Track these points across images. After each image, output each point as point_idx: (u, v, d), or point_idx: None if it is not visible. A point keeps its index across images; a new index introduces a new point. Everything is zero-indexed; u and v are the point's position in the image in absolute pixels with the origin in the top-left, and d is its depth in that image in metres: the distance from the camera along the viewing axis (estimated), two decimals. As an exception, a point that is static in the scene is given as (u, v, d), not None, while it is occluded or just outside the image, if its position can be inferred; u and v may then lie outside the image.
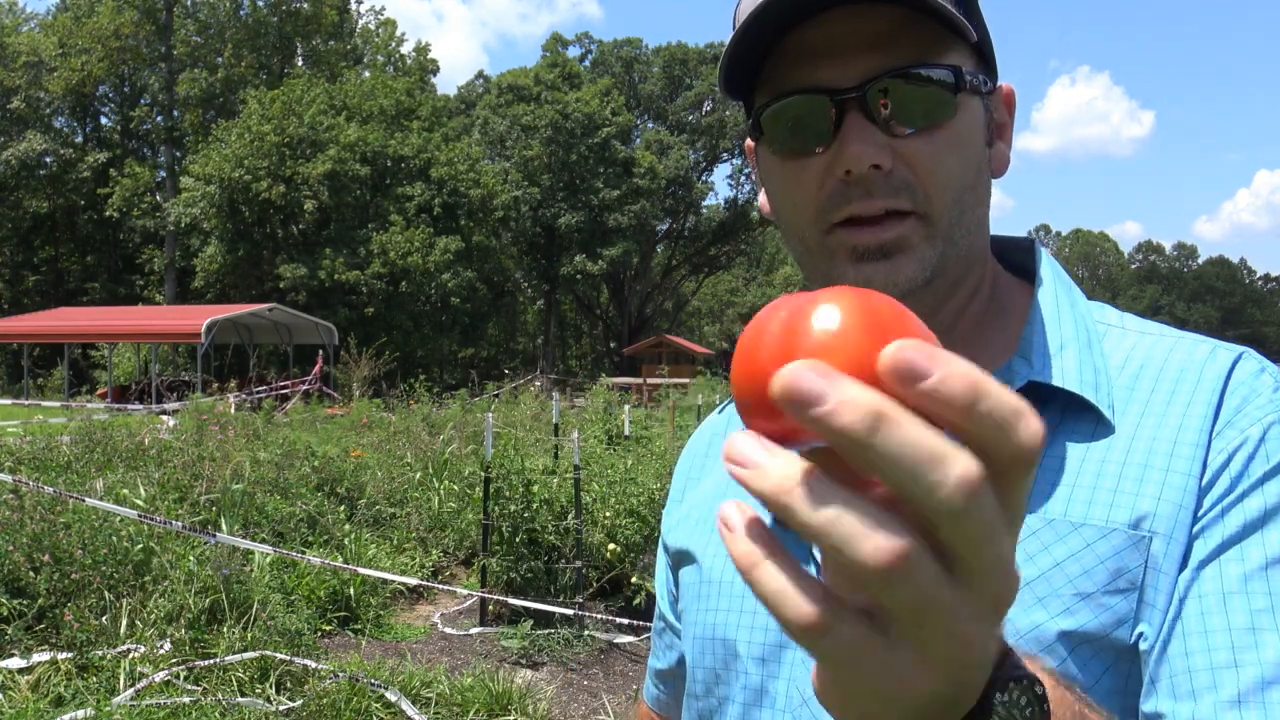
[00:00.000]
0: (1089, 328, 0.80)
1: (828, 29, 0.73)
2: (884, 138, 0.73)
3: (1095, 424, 0.74)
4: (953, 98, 0.74)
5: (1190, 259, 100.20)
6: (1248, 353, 0.76)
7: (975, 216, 0.79)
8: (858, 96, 0.73)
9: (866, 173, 0.73)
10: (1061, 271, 0.86)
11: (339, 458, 9.18)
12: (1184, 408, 0.72)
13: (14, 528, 5.39)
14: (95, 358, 35.88)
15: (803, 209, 0.78)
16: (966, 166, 0.76)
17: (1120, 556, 0.68)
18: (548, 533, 6.56)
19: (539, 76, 47.83)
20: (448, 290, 34.69)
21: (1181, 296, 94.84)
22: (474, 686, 4.92)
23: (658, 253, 55.88)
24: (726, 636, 0.83)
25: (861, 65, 0.73)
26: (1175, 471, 0.70)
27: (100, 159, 42.17)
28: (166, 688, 4.64)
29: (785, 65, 0.76)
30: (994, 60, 0.81)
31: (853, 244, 0.75)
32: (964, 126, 0.76)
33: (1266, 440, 0.69)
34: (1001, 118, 0.83)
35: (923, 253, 0.75)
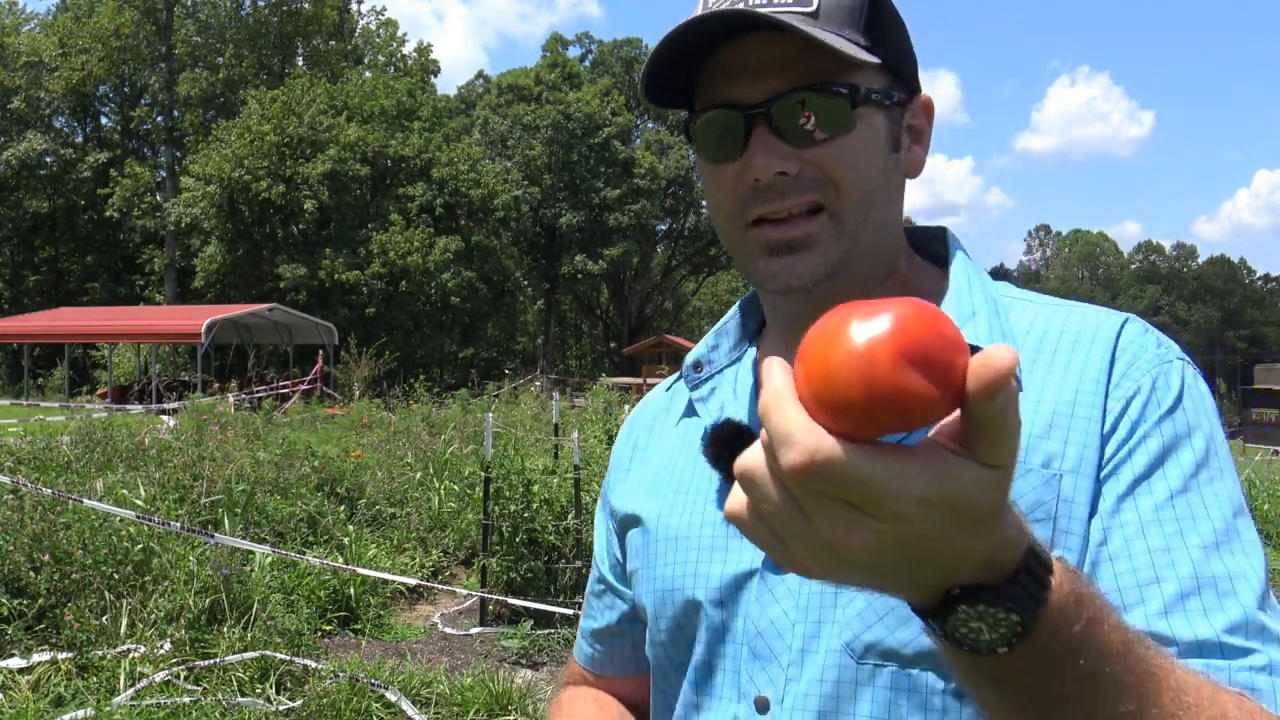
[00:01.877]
0: (995, 299, 0.91)
1: (745, 51, 0.84)
2: (788, 148, 0.84)
3: None
4: (850, 112, 0.84)
5: (1190, 259, 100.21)
6: (1133, 317, 0.88)
7: (884, 215, 0.89)
8: (764, 112, 0.84)
9: (773, 179, 0.84)
10: (969, 256, 0.96)
11: (339, 458, 9.18)
12: (1081, 366, 0.84)
13: (14, 528, 5.39)
14: (95, 358, 35.89)
15: (723, 209, 0.89)
16: (871, 170, 0.86)
17: (1037, 492, 0.79)
18: (548, 533, 6.56)
19: (539, 76, 47.84)
20: (448, 290, 34.69)
21: (1181, 296, 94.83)
22: (474, 686, 4.92)
23: (658, 253, 55.90)
24: (685, 586, 0.93)
25: (770, 84, 0.84)
26: (1078, 418, 0.81)
27: (100, 159, 42.17)
28: (166, 688, 4.64)
29: (710, 80, 0.87)
30: (911, 76, 0.91)
31: (765, 239, 0.87)
32: (864, 136, 0.86)
33: (1156, 389, 0.82)
34: (919, 125, 0.93)
35: (827, 249, 0.86)
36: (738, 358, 1.03)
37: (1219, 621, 0.71)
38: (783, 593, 0.86)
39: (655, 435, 1.07)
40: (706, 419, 0.97)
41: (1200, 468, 0.79)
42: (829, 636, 0.83)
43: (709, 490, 0.94)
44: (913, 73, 0.92)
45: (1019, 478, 0.74)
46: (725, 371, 1.02)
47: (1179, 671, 0.61)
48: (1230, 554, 0.74)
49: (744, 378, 1.00)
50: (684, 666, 0.94)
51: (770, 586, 0.87)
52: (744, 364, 1.02)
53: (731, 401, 0.99)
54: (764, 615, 0.87)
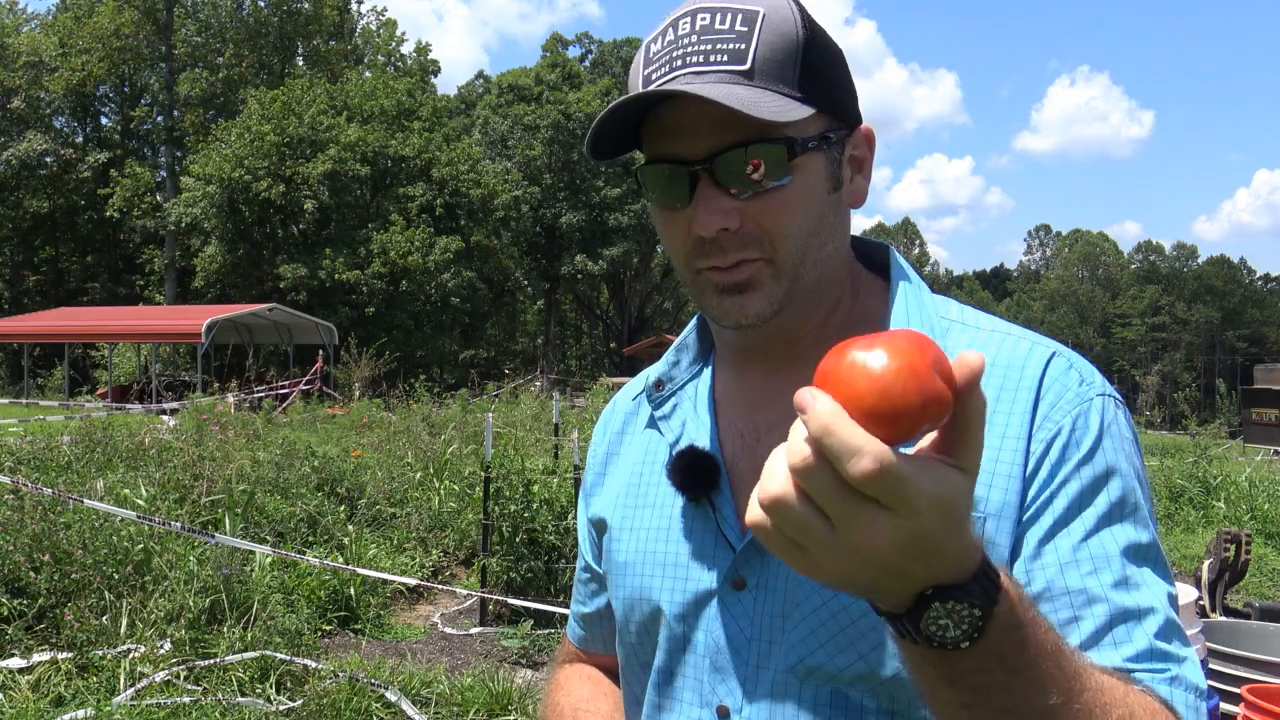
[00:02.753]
0: (934, 328, 0.96)
1: (683, 111, 0.88)
2: (730, 202, 0.88)
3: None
4: (787, 164, 0.88)
5: (1190, 259, 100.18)
6: (1059, 351, 0.93)
7: (824, 253, 0.94)
8: (707, 168, 0.88)
9: (716, 235, 0.89)
10: (911, 274, 1.02)
11: (339, 458, 9.18)
12: (1009, 406, 0.89)
13: (14, 528, 5.39)
14: (95, 358, 35.89)
15: (675, 253, 0.95)
16: (809, 216, 0.91)
17: None
18: (548, 533, 6.56)
19: (540, 76, 47.84)
20: (448, 290, 34.68)
21: (1181, 296, 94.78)
22: (474, 686, 4.92)
23: (658, 253, 55.86)
24: (652, 598, 1.00)
25: (709, 141, 0.88)
26: (1002, 462, 0.87)
27: (100, 159, 42.15)
28: (166, 688, 4.64)
29: (655, 134, 0.92)
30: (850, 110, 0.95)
31: (713, 281, 0.92)
32: (802, 185, 0.90)
33: (1075, 430, 0.87)
34: (860, 154, 0.97)
35: (770, 289, 0.91)
36: (697, 373, 1.08)
37: (1127, 651, 0.80)
38: (740, 612, 0.93)
39: (626, 441, 1.13)
40: (669, 436, 1.04)
41: (1114, 508, 0.85)
42: (778, 656, 0.90)
43: (673, 508, 1.00)
44: (852, 106, 0.96)
45: None
46: (686, 387, 1.07)
47: (1097, 673, 0.72)
48: (1138, 590, 0.82)
49: (703, 393, 1.05)
50: (648, 668, 1.02)
51: (728, 606, 0.94)
52: (703, 379, 1.07)
53: (692, 419, 1.04)
54: (723, 633, 0.94)
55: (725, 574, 0.94)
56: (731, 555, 0.94)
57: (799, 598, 0.90)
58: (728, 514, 0.96)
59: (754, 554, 0.92)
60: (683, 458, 0.97)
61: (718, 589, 0.94)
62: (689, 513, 0.99)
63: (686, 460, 0.97)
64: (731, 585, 0.94)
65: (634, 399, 1.14)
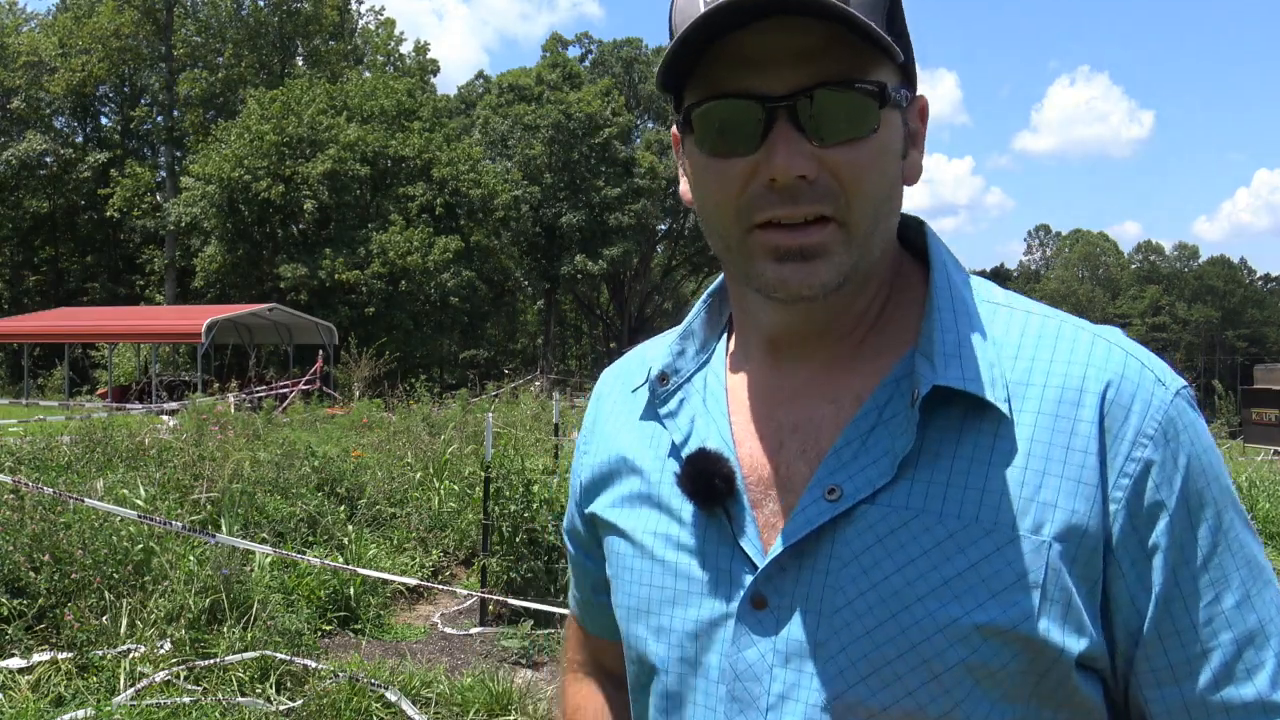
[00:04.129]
0: (977, 314, 0.86)
1: (761, 38, 0.76)
2: (810, 147, 0.77)
3: (998, 423, 0.80)
4: (878, 112, 0.79)
5: (1190, 259, 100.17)
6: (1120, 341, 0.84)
7: (888, 225, 0.85)
8: (787, 106, 0.77)
9: (792, 182, 0.78)
10: (947, 253, 0.91)
11: (339, 458, 9.17)
12: (1074, 409, 0.80)
13: (14, 528, 5.39)
14: (95, 358, 35.87)
15: (724, 207, 0.82)
16: (885, 178, 0.81)
17: (1026, 559, 0.77)
18: (548, 533, 6.56)
19: (540, 76, 47.83)
20: (447, 290, 34.67)
21: (1182, 296, 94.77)
22: (474, 686, 4.92)
23: (658, 253, 55.88)
24: (659, 613, 0.91)
25: (792, 76, 0.77)
26: (1068, 479, 0.78)
27: (100, 159, 42.13)
28: (166, 688, 4.64)
29: (719, 67, 0.79)
30: (915, 77, 0.87)
31: (774, 244, 0.80)
32: (885, 140, 0.80)
33: (1168, 442, 0.79)
34: (916, 128, 0.88)
35: (840, 259, 0.80)
36: (706, 359, 0.97)
37: (1262, 680, 0.78)
38: (761, 635, 0.83)
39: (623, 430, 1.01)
40: (676, 436, 0.92)
41: (1221, 519, 0.80)
42: (809, 689, 0.81)
43: (682, 513, 0.90)
44: (915, 73, 0.88)
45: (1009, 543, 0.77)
46: (694, 379, 0.96)
47: None
48: (1261, 604, 0.79)
49: (713, 384, 0.94)
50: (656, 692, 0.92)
51: (748, 628, 0.84)
52: (712, 366, 0.96)
53: (702, 415, 0.93)
54: (740, 657, 0.84)
55: (746, 592, 0.84)
56: (751, 571, 0.84)
57: (837, 623, 0.80)
58: (746, 525, 0.86)
59: (778, 570, 0.83)
60: (694, 463, 0.88)
61: (735, 608, 0.85)
62: (701, 520, 0.89)
63: (697, 465, 0.87)
64: (751, 603, 0.84)
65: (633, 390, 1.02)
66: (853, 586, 0.80)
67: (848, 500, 0.81)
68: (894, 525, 0.79)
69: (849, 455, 0.82)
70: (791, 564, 0.82)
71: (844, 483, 0.81)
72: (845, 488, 0.81)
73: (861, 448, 0.82)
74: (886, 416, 0.82)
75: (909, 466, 0.80)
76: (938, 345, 0.82)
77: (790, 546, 0.82)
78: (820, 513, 0.81)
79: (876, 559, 0.79)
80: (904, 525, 0.79)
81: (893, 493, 0.80)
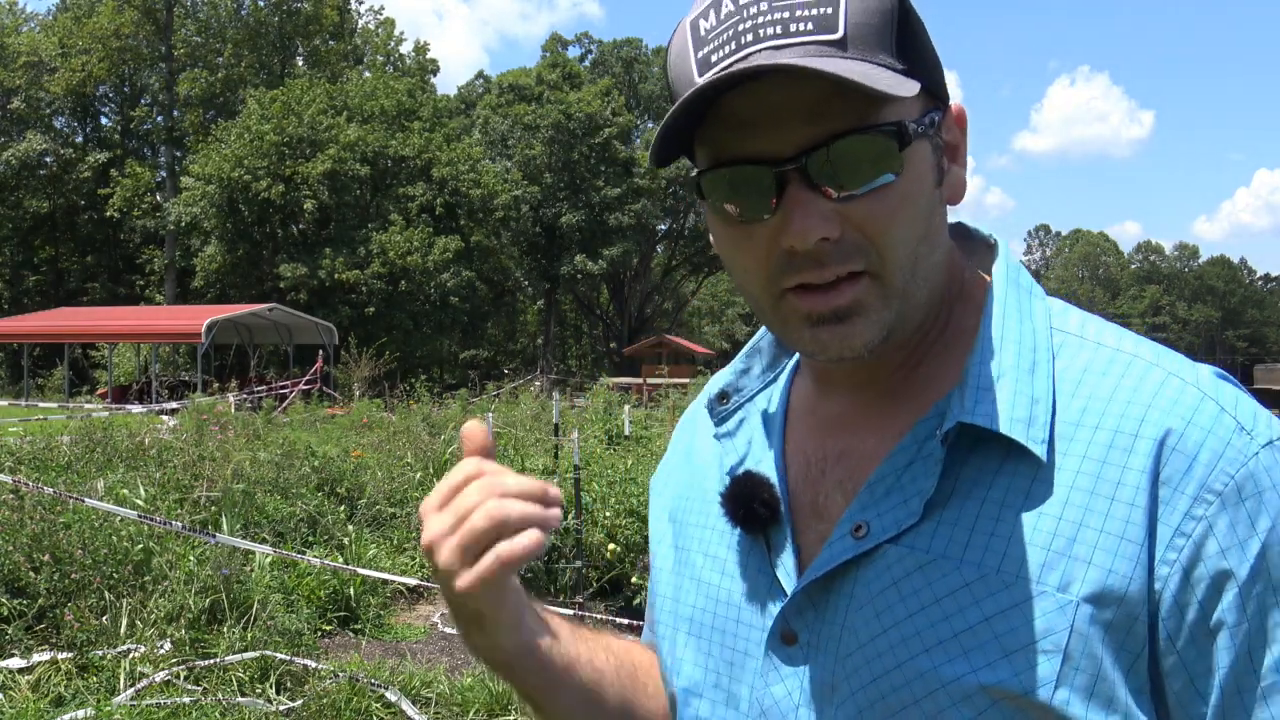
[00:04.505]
0: (1039, 344, 0.78)
1: (762, 98, 0.71)
2: (829, 205, 0.72)
3: (1036, 466, 0.73)
4: (899, 154, 0.72)
5: (1190, 259, 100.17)
6: (1207, 384, 0.74)
7: (933, 262, 0.78)
8: (798, 167, 0.71)
9: (813, 247, 0.72)
10: (1019, 272, 0.84)
11: (339, 458, 9.17)
12: (1124, 456, 0.70)
13: (14, 528, 5.39)
14: (95, 358, 35.88)
15: (752, 275, 0.77)
16: (918, 219, 0.75)
17: (1048, 618, 0.69)
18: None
19: (540, 76, 47.85)
20: (448, 290, 34.68)
21: (1182, 297, 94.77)
22: (474, 686, 4.91)
23: (658, 253, 55.89)
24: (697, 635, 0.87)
25: (800, 134, 0.71)
26: (1109, 534, 0.69)
27: (100, 159, 42.15)
28: (166, 688, 4.64)
29: (721, 131, 0.74)
30: (943, 89, 0.79)
31: (806, 310, 0.75)
32: (912, 179, 0.74)
33: (1234, 517, 0.68)
34: (954, 139, 0.80)
35: (878, 314, 0.75)
36: (773, 379, 0.93)
37: None
38: (789, 672, 0.79)
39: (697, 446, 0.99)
40: (731, 457, 0.89)
41: None
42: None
43: (730, 535, 0.87)
44: (943, 82, 0.79)
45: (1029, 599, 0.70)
46: (757, 398, 0.92)
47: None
48: None
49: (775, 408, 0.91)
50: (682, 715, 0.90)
51: (777, 663, 0.80)
52: (778, 385, 0.92)
53: (759, 438, 0.89)
54: (768, 692, 0.81)
55: (775, 624, 0.80)
56: (783, 601, 0.80)
57: (849, 667, 0.75)
58: (785, 554, 0.82)
59: (807, 604, 0.79)
60: (738, 485, 0.84)
61: (766, 638, 0.81)
62: (745, 545, 0.86)
63: (741, 488, 0.84)
64: (781, 638, 0.80)
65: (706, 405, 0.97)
66: (865, 630, 0.75)
67: (872, 539, 0.76)
68: (910, 568, 0.74)
69: (881, 492, 0.78)
70: (819, 599, 0.79)
71: (872, 520, 0.77)
72: (872, 525, 0.77)
73: (895, 484, 0.77)
74: (924, 454, 0.77)
75: (937, 507, 0.75)
76: (972, 378, 0.76)
77: (815, 581, 0.78)
78: (844, 550, 0.77)
79: (890, 602, 0.75)
80: (920, 569, 0.74)
81: (917, 534, 0.75)
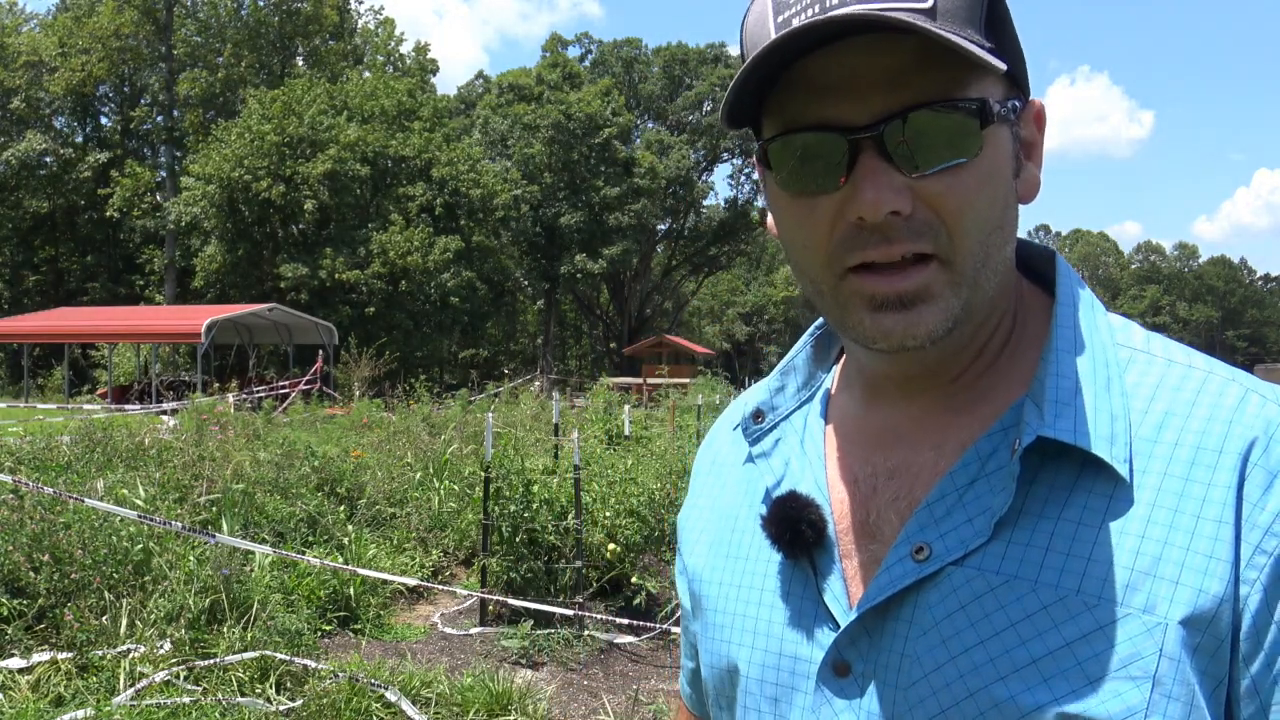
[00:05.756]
0: (1109, 359, 0.75)
1: (842, 61, 0.68)
2: (902, 179, 0.69)
3: (1114, 484, 0.70)
4: (979, 133, 0.69)
5: (1190, 259, 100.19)
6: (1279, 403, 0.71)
7: (1001, 257, 0.74)
8: (874, 136, 0.68)
9: (883, 219, 0.69)
10: (1080, 288, 0.81)
11: (339, 458, 9.17)
12: (1208, 473, 0.68)
13: (14, 528, 5.39)
14: (95, 358, 35.88)
15: (813, 251, 0.73)
16: (994, 205, 0.72)
17: (1134, 642, 0.65)
18: (548, 533, 6.56)
19: (540, 76, 47.85)
20: (447, 290, 34.69)
21: (1182, 297, 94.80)
22: (474, 686, 4.91)
23: (658, 253, 55.88)
24: (741, 673, 0.83)
25: (878, 102, 0.68)
26: (1196, 552, 0.66)
27: (100, 159, 42.15)
28: (166, 688, 4.64)
29: (795, 96, 0.71)
30: (1025, 79, 0.76)
31: (870, 293, 0.71)
32: (991, 162, 0.71)
33: None
34: (1031, 136, 0.77)
35: (946, 301, 0.71)
36: (809, 396, 0.89)
37: None
38: (842, 706, 0.75)
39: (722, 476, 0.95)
40: (769, 478, 0.85)
41: None
42: None
43: (769, 564, 0.83)
44: (1026, 73, 0.76)
45: (1113, 621, 0.66)
46: (793, 417, 0.88)
47: None
48: None
49: (813, 423, 0.87)
50: None
51: (829, 696, 0.76)
52: (814, 404, 0.88)
53: (798, 457, 0.85)
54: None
55: (826, 655, 0.76)
56: (833, 629, 0.76)
57: (913, 699, 0.71)
58: (832, 580, 0.78)
59: (861, 633, 0.74)
60: (780, 506, 0.80)
61: (816, 671, 0.76)
62: (787, 571, 0.81)
63: (785, 509, 0.79)
64: (833, 669, 0.75)
65: (733, 428, 0.94)
66: (930, 658, 0.71)
67: (936, 561, 0.72)
68: (979, 591, 0.70)
69: (942, 511, 0.73)
70: (873, 626, 0.74)
71: (934, 541, 0.72)
72: (935, 547, 0.72)
73: (958, 503, 0.73)
74: (989, 470, 0.73)
75: (1006, 526, 0.71)
76: (1050, 391, 0.72)
77: (872, 608, 0.74)
78: (905, 574, 0.73)
79: (958, 628, 0.70)
80: (991, 592, 0.69)
81: (984, 555, 0.71)
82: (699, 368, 35.60)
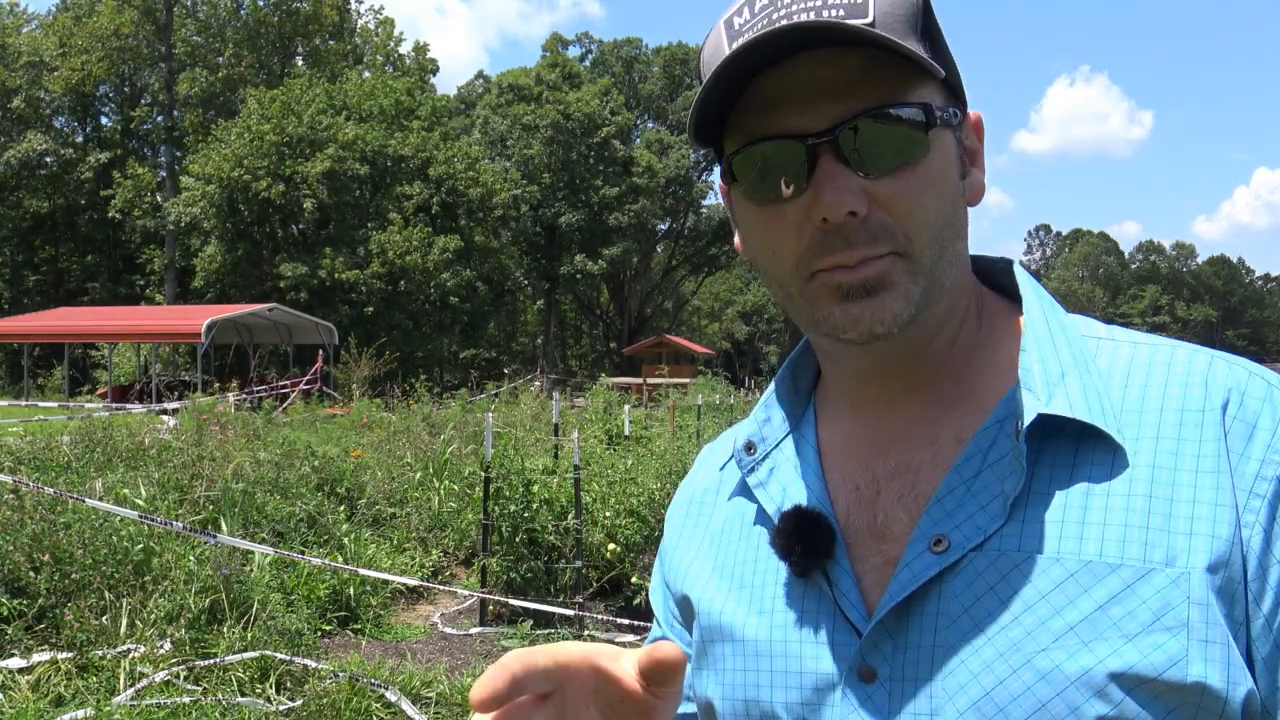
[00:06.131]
0: (1081, 347, 0.80)
1: (793, 76, 0.74)
2: (859, 181, 0.74)
3: (1112, 453, 0.74)
4: (925, 135, 0.75)
5: (1190, 259, 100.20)
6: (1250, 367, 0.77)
7: (955, 250, 0.79)
8: (830, 141, 0.73)
9: (844, 220, 0.74)
10: (1041, 289, 0.86)
11: (339, 458, 9.18)
12: (1197, 430, 0.72)
13: (14, 528, 5.39)
14: (95, 358, 35.89)
15: (783, 257, 0.78)
16: (943, 202, 0.77)
17: (1162, 595, 0.68)
18: (548, 533, 6.56)
19: (540, 76, 47.86)
20: (447, 290, 34.69)
21: (1181, 296, 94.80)
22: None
23: (658, 252, 55.90)
24: (760, 698, 0.83)
25: (831, 110, 0.74)
26: (1202, 503, 0.70)
27: (101, 159, 42.16)
28: (166, 688, 4.64)
29: (754, 112, 0.76)
30: (962, 91, 0.82)
31: (836, 283, 0.76)
32: (938, 163, 0.76)
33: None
34: (973, 145, 0.83)
35: (906, 288, 0.75)
36: (795, 424, 0.92)
37: None
38: (871, 711, 0.75)
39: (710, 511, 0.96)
40: (769, 505, 0.86)
41: None
42: None
43: (777, 585, 0.84)
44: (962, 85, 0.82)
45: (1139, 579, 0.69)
46: (783, 444, 0.90)
47: None
48: None
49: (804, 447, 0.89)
50: None
51: (856, 704, 0.76)
52: (802, 430, 0.91)
53: (794, 481, 0.87)
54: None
55: (850, 663, 0.77)
56: (855, 639, 0.77)
57: (951, 687, 0.72)
58: (847, 587, 0.78)
59: (884, 637, 0.75)
60: (788, 520, 0.81)
61: (841, 681, 0.77)
62: (796, 588, 0.82)
63: (793, 522, 0.81)
64: (859, 677, 0.76)
65: (720, 468, 0.96)
66: (965, 644, 0.72)
67: (956, 550, 0.74)
68: (1005, 570, 0.72)
69: (953, 503, 0.76)
70: (894, 626, 0.75)
71: (950, 532, 0.74)
72: (953, 537, 0.74)
73: (967, 494, 0.76)
74: (992, 460, 0.76)
75: (1018, 507, 0.74)
76: (1039, 375, 0.76)
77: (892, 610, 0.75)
78: (927, 566, 0.74)
79: (990, 610, 0.72)
80: (1016, 569, 0.72)
81: (1003, 537, 0.73)
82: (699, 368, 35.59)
